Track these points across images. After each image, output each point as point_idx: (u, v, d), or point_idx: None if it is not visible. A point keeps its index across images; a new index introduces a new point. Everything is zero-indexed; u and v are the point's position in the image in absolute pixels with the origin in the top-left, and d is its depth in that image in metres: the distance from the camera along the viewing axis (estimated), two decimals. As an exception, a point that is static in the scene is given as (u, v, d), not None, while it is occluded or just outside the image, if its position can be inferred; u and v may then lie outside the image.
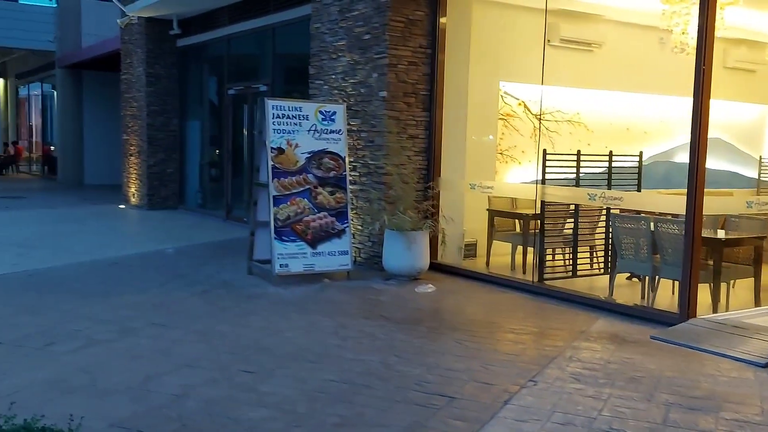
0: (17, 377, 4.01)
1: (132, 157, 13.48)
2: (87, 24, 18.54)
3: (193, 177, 13.22)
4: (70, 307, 5.71)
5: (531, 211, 7.27)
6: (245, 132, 11.20)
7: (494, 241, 7.76)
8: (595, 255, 7.28)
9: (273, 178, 6.78)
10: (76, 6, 18.60)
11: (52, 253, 8.16)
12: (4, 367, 4.18)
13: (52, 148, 20.93)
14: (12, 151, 23.36)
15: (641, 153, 7.43)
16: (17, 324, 5.15)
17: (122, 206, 13.47)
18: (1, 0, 20.00)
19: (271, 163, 6.80)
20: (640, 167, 7.29)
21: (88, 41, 18.01)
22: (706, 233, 5.70)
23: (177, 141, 13.14)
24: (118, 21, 12.74)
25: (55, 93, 19.87)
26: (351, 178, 7.52)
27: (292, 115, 6.95)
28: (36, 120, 23.60)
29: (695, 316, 5.38)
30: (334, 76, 7.93)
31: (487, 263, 7.71)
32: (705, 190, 5.28)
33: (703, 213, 5.31)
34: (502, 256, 7.75)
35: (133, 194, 13.43)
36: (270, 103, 6.90)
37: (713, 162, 7.16)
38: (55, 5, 19.25)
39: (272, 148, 6.82)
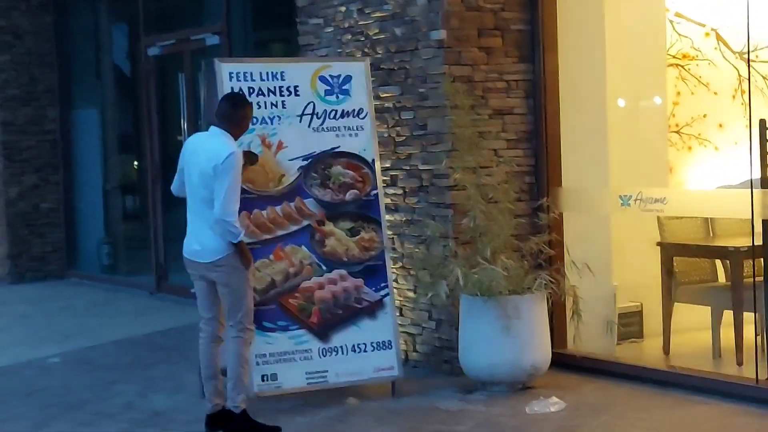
0: None
1: (-24, 187, 13.77)
2: None
3: (93, 216, 13.44)
4: None
5: (746, 242, 7.21)
6: (184, 125, 11.37)
7: (676, 304, 7.72)
8: None
9: (240, 212, 6.86)
10: None
11: None
12: None
13: None
14: None
15: None
16: None
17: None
18: None
19: (233, 182, 6.88)
20: None
21: None
22: None
23: (58, 151, 13.38)
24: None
25: None
26: (389, 201, 7.57)
27: (269, 89, 7.03)
28: None
29: None
30: (342, 9, 8.04)
31: (666, 348, 7.71)
32: None
33: None
34: (692, 332, 7.76)
35: (-17, 256, 13.70)
36: (226, 68, 7.00)
37: None
38: None
39: (234, 153, 6.91)
